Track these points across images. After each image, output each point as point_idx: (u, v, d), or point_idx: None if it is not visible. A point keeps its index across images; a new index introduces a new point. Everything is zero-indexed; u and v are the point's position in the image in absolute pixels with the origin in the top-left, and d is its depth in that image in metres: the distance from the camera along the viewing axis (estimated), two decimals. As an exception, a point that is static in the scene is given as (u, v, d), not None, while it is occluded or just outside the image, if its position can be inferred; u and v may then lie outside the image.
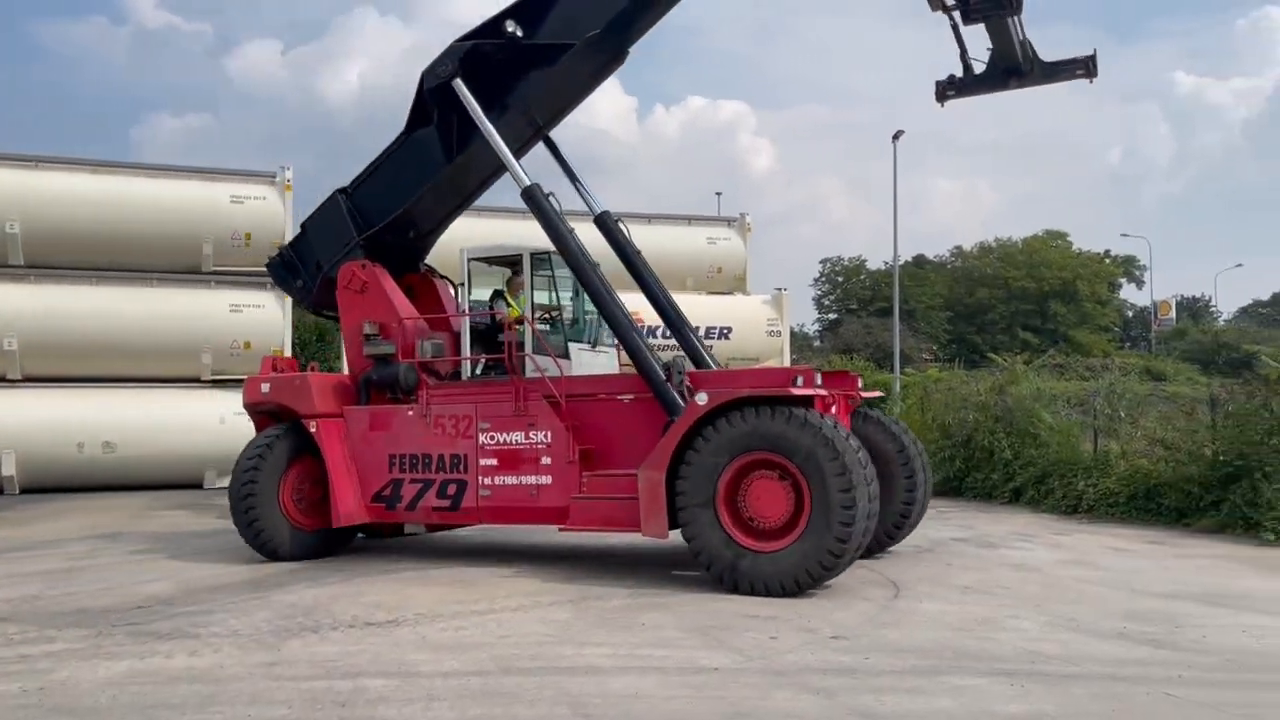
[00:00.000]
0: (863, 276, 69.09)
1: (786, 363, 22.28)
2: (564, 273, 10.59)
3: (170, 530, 13.24)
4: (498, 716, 5.25)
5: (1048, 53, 10.30)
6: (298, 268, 11.87)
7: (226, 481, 18.65)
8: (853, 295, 68.50)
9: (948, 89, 10.70)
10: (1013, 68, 10.35)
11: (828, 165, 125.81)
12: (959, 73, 10.59)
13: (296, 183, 19.66)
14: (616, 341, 10.33)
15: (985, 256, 65.26)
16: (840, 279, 70.85)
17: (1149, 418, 15.43)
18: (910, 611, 7.70)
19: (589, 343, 11.01)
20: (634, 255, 11.28)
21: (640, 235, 13.89)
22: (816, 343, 61.74)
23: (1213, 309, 76.85)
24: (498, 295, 11.26)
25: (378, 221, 10.93)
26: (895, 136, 37.10)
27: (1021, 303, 59.05)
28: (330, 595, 8.49)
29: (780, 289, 23.28)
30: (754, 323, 22.32)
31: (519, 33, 9.72)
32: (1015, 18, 9.77)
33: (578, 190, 11.54)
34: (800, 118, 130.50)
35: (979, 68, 10.48)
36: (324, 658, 6.39)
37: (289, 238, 19.56)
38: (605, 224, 11.38)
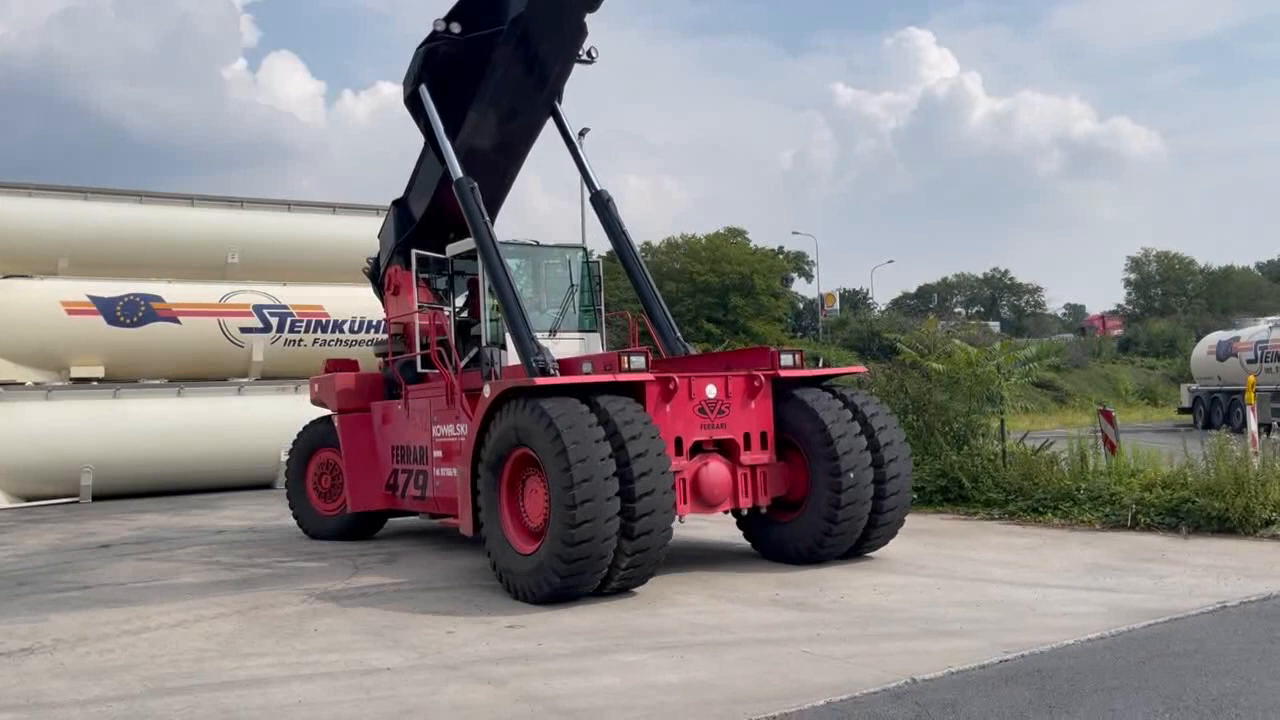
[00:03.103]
0: (559, 270, 70.20)
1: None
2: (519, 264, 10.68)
3: None
4: (142, 742, 4.88)
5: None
6: (377, 275, 12.39)
7: None
8: (549, 288, 69.43)
9: None
10: None
11: (528, 160, 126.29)
12: None
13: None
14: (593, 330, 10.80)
15: (673, 251, 68.35)
16: (537, 272, 71.67)
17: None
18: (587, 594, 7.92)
19: (548, 332, 10.22)
20: (621, 234, 11.50)
21: (326, 226, 13.39)
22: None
23: (870, 301, 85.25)
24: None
25: (412, 227, 11.44)
26: (581, 134, 38.36)
27: (705, 295, 62.33)
28: (-51, 627, 7.52)
29: None
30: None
31: (455, 29, 10.00)
32: None
33: (578, 165, 11.82)
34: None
35: None
36: (-65, 698, 5.66)
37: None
38: (599, 202, 11.54)
